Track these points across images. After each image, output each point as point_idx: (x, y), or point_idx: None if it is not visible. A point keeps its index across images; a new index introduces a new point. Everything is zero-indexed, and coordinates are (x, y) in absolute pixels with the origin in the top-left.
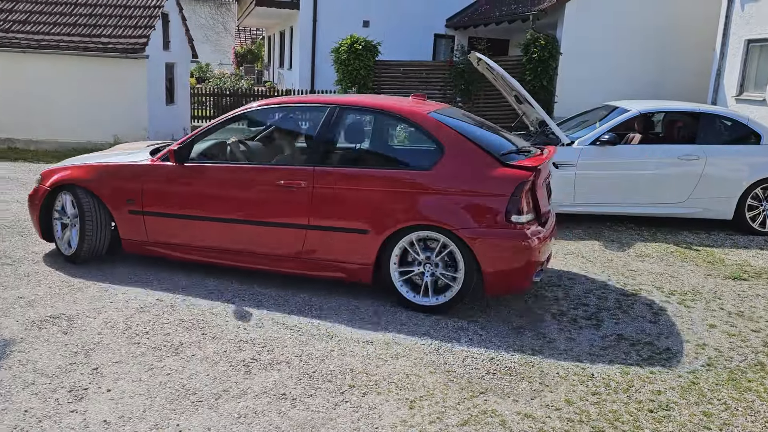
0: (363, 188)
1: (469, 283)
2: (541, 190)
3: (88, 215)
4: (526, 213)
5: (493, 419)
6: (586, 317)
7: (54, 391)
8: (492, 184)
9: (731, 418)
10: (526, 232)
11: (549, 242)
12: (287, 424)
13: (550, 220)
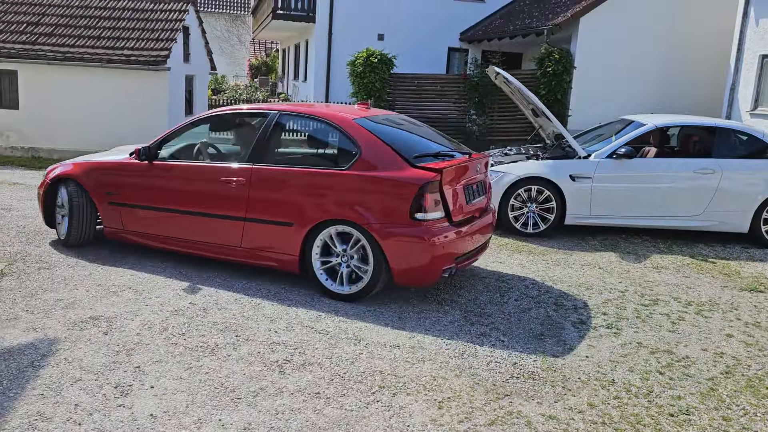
0: (289, 185)
1: (377, 275)
2: (459, 191)
3: (76, 205)
4: (430, 211)
5: (518, 420)
6: (605, 326)
7: (101, 387)
8: (401, 184)
9: (750, 422)
10: (431, 230)
11: (471, 239)
12: (323, 421)
13: (483, 218)
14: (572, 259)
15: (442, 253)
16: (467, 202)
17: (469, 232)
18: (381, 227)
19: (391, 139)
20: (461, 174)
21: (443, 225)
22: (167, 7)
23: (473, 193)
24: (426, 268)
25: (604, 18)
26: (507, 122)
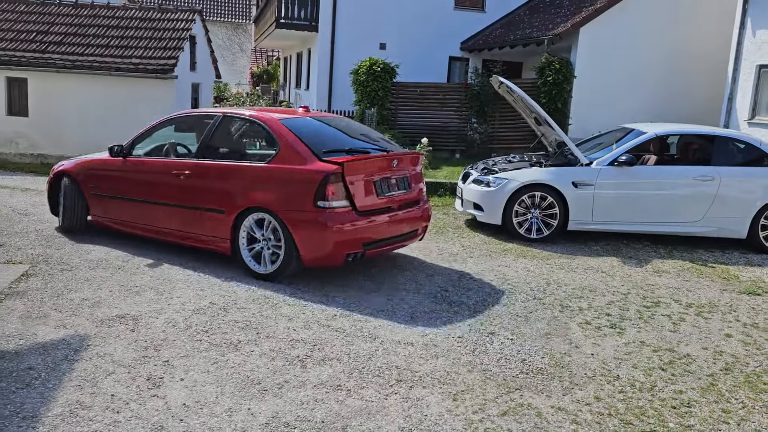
0: (223, 178)
1: (288, 256)
2: (367, 183)
3: (69, 196)
4: (332, 200)
5: (529, 411)
6: (609, 326)
7: (134, 379)
8: (308, 176)
9: (748, 414)
10: (332, 217)
11: (383, 227)
12: (345, 410)
13: (404, 210)
14: (575, 264)
15: (343, 238)
16: (379, 194)
17: (379, 222)
18: (290, 214)
19: (307, 137)
20: (369, 168)
21: (347, 213)
22: (174, 17)
23: (388, 186)
24: (328, 251)
25: (603, 28)
26: (508, 130)
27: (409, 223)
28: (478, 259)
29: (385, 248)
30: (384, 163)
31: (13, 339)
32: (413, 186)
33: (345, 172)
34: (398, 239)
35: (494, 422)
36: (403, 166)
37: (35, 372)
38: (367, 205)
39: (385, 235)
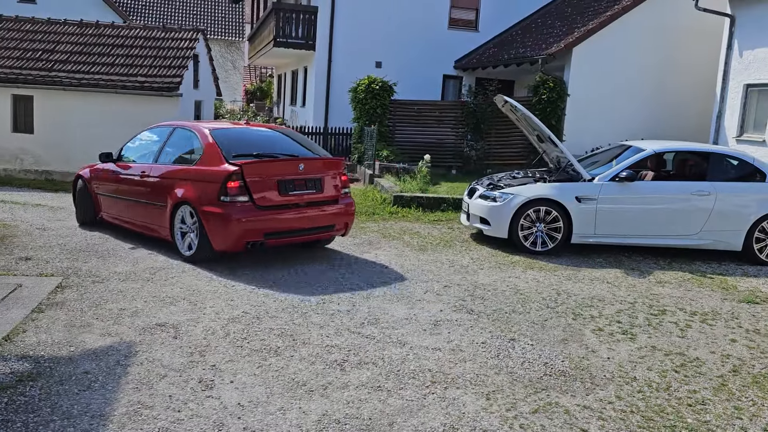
0: (165, 178)
1: (202, 243)
2: (269, 183)
3: (80, 195)
4: (232, 196)
5: (558, 409)
6: (621, 332)
7: (186, 381)
8: (215, 175)
9: (759, 411)
10: (231, 210)
11: (286, 222)
12: (389, 409)
13: (313, 208)
14: (581, 275)
15: (243, 229)
16: (281, 193)
17: (282, 216)
18: (203, 207)
19: (225, 144)
20: (271, 170)
21: (246, 207)
22: (178, 36)
23: (294, 186)
24: (230, 239)
25: (595, 48)
26: (503, 147)
27: (319, 219)
28: (489, 271)
29: (291, 239)
30: (289, 167)
31: (64, 346)
32: (326, 187)
33: (244, 173)
34: (307, 232)
35: (527, 419)
36: (314, 170)
37: (92, 376)
38: (268, 201)
39: (288, 228)
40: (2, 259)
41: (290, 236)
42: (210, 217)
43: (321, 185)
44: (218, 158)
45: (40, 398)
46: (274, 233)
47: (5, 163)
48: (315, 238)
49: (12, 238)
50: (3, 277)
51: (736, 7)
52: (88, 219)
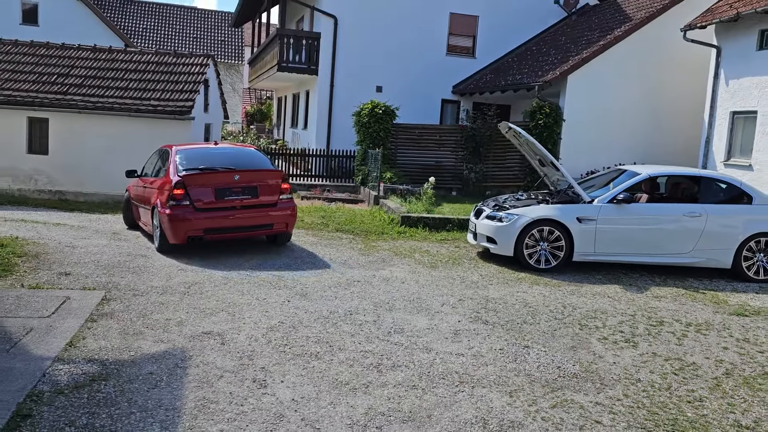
0: (149, 187)
1: (162, 236)
2: (207, 190)
3: (125, 205)
4: (177, 201)
5: (573, 405)
6: (623, 340)
7: (242, 381)
8: (167, 184)
9: (749, 407)
10: (175, 211)
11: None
12: (426, 404)
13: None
14: (583, 290)
15: (185, 226)
16: (218, 198)
17: (218, 216)
18: (161, 209)
19: (183, 160)
20: (209, 180)
21: (187, 210)
22: (189, 61)
23: (230, 193)
24: (175, 234)
25: (589, 76)
26: (500, 170)
27: (255, 219)
28: (498, 287)
29: (229, 235)
30: (225, 177)
31: (124, 351)
32: (263, 193)
33: (185, 182)
34: (244, 229)
35: (547, 413)
36: (250, 179)
37: (156, 376)
38: (206, 204)
39: (224, 226)
40: (44, 275)
41: (228, 232)
42: (163, 217)
43: (257, 192)
44: (173, 171)
45: (116, 395)
46: (213, 230)
47: (20, 183)
48: (253, 234)
49: (46, 255)
50: (51, 290)
51: (722, 39)
52: (129, 223)
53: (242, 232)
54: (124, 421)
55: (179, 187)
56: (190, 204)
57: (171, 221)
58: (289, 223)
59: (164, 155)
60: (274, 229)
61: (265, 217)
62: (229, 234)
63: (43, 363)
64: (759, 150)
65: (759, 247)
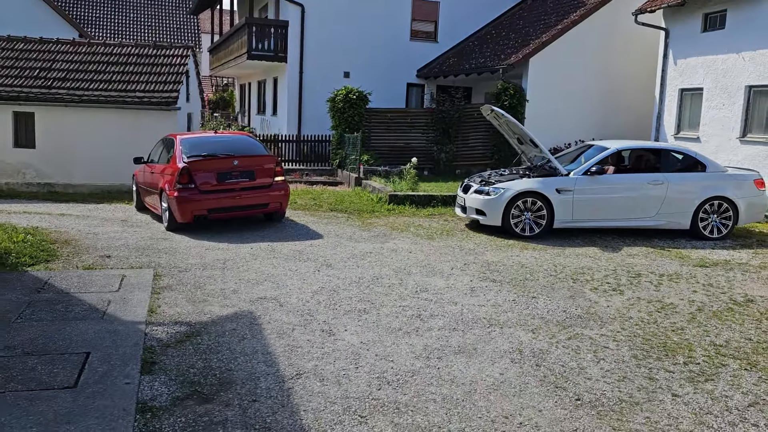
0: (156, 172)
1: (170, 216)
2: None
3: (135, 190)
4: (183, 184)
5: (584, 336)
6: (612, 288)
7: (313, 332)
8: (174, 170)
9: (719, 332)
10: (182, 193)
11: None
12: (469, 340)
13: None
14: (567, 252)
15: (190, 206)
16: (219, 181)
17: (219, 197)
18: (169, 192)
19: (187, 147)
20: (211, 165)
21: (192, 192)
22: (170, 53)
23: (230, 176)
24: (182, 213)
25: (549, 58)
26: (469, 150)
27: (253, 199)
28: (493, 252)
29: (231, 214)
30: (225, 162)
31: (200, 315)
32: (259, 176)
33: (190, 167)
34: (244, 209)
35: (566, 343)
36: (248, 164)
37: (240, 332)
38: (209, 186)
39: (226, 205)
40: (87, 258)
41: (229, 212)
42: (171, 199)
43: (254, 175)
44: (179, 157)
45: (215, 346)
46: (215, 209)
47: (7, 177)
48: (251, 213)
49: (76, 241)
50: (104, 270)
51: (670, 22)
52: (139, 206)
53: (242, 211)
54: (234, 363)
55: (185, 172)
56: (195, 187)
57: (179, 202)
58: (282, 202)
59: (169, 143)
60: (270, 208)
61: (262, 198)
62: (230, 213)
63: (138, 326)
64: (705, 123)
65: (713, 210)
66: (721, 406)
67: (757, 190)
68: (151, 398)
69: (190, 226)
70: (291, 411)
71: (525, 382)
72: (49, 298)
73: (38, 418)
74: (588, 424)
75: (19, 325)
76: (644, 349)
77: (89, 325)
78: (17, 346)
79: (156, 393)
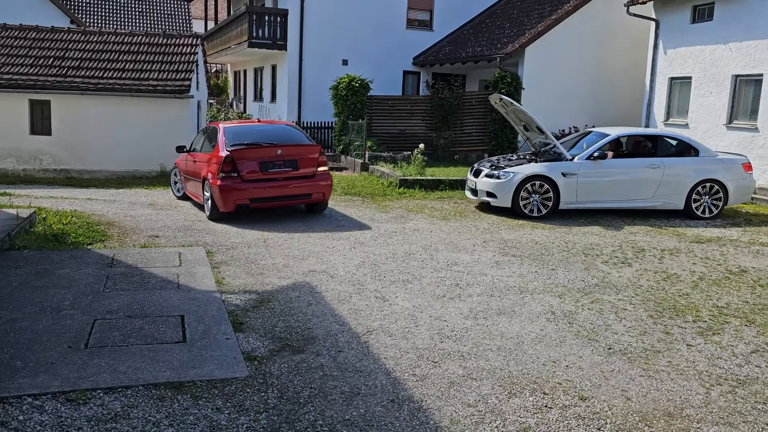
0: (200, 161)
1: (213, 205)
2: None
3: (174, 179)
4: (226, 173)
5: (604, 301)
6: (620, 262)
7: (368, 298)
8: (218, 159)
9: (720, 297)
10: (224, 182)
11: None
12: (506, 304)
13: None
14: (574, 231)
15: (232, 195)
16: (262, 170)
17: (262, 187)
18: (212, 181)
19: (230, 136)
20: (254, 154)
21: (235, 181)
22: (180, 42)
23: (273, 165)
24: (225, 203)
25: (545, 47)
26: (467, 136)
27: (296, 189)
28: (507, 231)
29: (273, 204)
30: (269, 151)
31: (262, 285)
32: (302, 166)
33: (233, 156)
34: (286, 199)
35: (589, 306)
36: (291, 153)
37: (303, 299)
38: (252, 176)
39: (268, 195)
40: (137, 238)
41: (271, 201)
42: (214, 188)
43: (297, 165)
44: (222, 146)
45: (287, 310)
46: (258, 199)
47: (24, 163)
48: (293, 203)
49: (118, 224)
50: (160, 248)
51: (660, 13)
52: (182, 196)
53: (284, 201)
54: (310, 323)
55: (228, 161)
56: (238, 176)
57: (221, 191)
58: (325, 193)
59: (212, 132)
60: (313, 199)
61: (305, 188)
62: (273, 203)
63: (212, 294)
64: (693, 110)
65: (705, 191)
66: (728, 352)
67: (744, 173)
68: (251, 350)
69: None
70: (374, 358)
71: (563, 336)
72: (122, 272)
73: (167, 365)
74: (622, 366)
75: (109, 294)
76: (657, 311)
77: (170, 294)
78: (118, 310)
79: (254, 346)
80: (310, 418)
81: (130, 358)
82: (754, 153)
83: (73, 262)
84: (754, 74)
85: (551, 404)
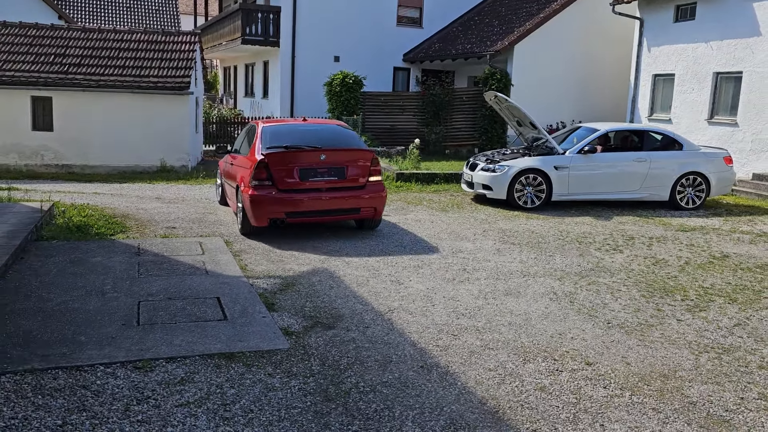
0: (236, 165)
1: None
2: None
3: (218, 183)
4: (259, 180)
5: (600, 283)
6: (612, 249)
7: (384, 282)
8: (251, 163)
9: (705, 279)
10: (256, 191)
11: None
12: (512, 286)
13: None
14: (567, 221)
15: (266, 207)
16: (302, 179)
17: (301, 198)
18: (243, 188)
19: (269, 137)
20: (293, 159)
21: (269, 190)
22: (179, 39)
23: (315, 173)
24: (256, 215)
25: (533, 44)
26: (457, 131)
27: (341, 203)
28: (504, 221)
29: (313, 219)
30: (310, 156)
31: (284, 270)
32: (350, 175)
33: (268, 162)
34: (329, 213)
35: (586, 288)
36: (337, 159)
37: (325, 283)
38: (289, 185)
39: (308, 209)
40: (155, 229)
41: (311, 216)
42: (245, 197)
43: (344, 173)
44: (257, 149)
45: (311, 292)
46: (295, 213)
47: (26, 159)
48: (337, 218)
49: (133, 216)
50: (180, 238)
51: (644, 12)
52: (222, 201)
53: (326, 216)
54: (335, 303)
55: (262, 166)
56: (272, 184)
57: (253, 203)
58: (378, 207)
59: (251, 132)
60: (362, 214)
61: (352, 201)
62: (312, 218)
63: (240, 279)
64: (676, 106)
65: (688, 183)
66: (714, 326)
67: (726, 166)
68: (287, 326)
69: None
70: (399, 332)
71: (566, 313)
72: (151, 260)
73: (215, 338)
74: (620, 338)
75: (144, 279)
76: (649, 291)
77: (201, 279)
78: (157, 293)
79: (289, 323)
80: (352, 380)
81: (181, 333)
82: (734, 147)
83: (103, 251)
84: (734, 71)
85: (561, 368)
